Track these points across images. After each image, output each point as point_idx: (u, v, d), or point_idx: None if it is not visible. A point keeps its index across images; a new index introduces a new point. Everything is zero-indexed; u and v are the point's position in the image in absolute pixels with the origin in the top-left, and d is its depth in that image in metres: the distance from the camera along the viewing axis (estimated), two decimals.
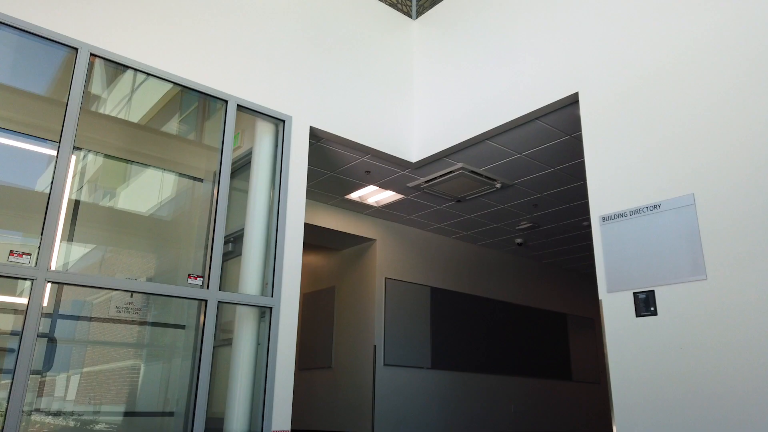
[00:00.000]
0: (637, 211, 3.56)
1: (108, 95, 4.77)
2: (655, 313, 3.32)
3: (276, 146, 4.46)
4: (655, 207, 3.47)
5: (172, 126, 4.95)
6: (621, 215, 3.63)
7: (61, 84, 4.32)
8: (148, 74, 3.84)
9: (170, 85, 4.75)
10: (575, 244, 8.08)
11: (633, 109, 3.69)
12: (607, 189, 3.72)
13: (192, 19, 4.10)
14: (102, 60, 4.65)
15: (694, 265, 3.22)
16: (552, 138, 4.77)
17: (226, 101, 4.13)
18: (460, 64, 5.11)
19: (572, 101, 4.17)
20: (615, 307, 3.51)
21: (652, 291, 3.37)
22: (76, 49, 3.53)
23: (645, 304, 3.40)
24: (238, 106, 4.19)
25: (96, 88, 4.67)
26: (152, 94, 4.76)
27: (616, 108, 3.78)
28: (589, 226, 7.11)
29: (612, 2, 4.01)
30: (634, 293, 3.45)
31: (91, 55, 3.59)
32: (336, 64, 4.93)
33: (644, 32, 3.76)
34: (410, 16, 5.82)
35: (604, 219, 3.71)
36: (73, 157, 4.39)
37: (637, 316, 3.40)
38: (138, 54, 3.78)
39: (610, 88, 3.86)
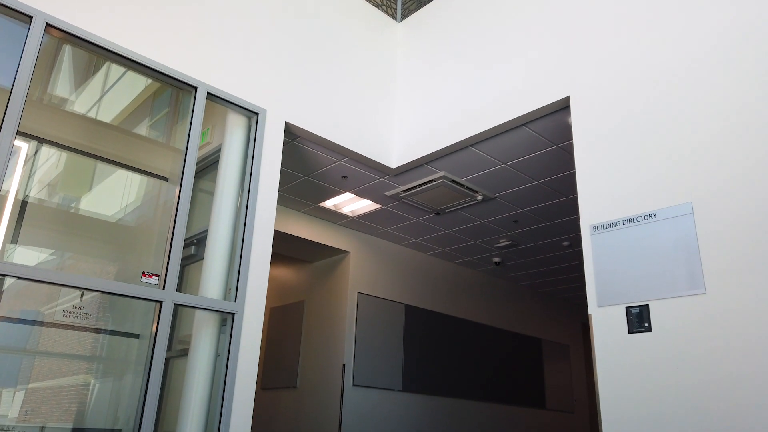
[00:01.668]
0: (630, 221, 3.35)
1: (76, 98, 4.49)
2: (649, 329, 3.09)
3: (248, 143, 4.16)
4: (650, 216, 3.27)
5: (142, 129, 4.66)
6: (613, 224, 3.42)
7: (35, 75, 3.98)
8: (111, 52, 3.51)
9: (142, 87, 4.46)
10: (553, 266, 7.90)
11: (627, 113, 3.51)
12: (598, 197, 3.52)
13: None
14: (70, 57, 4.38)
15: (691, 278, 3.01)
16: (538, 147, 4.59)
17: (196, 88, 3.83)
18: (445, 66, 4.92)
19: (562, 106, 3.99)
20: (606, 322, 3.27)
21: (646, 305, 3.15)
22: (31, 17, 3.20)
23: (638, 320, 3.17)
24: (209, 94, 3.89)
25: (63, 89, 4.37)
26: (123, 97, 4.49)
27: (609, 112, 3.61)
28: (569, 246, 6.94)
29: (605, 3, 3.87)
30: (627, 307, 3.22)
31: (48, 25, 3.26)
32: (316, 60, 4.68)
33: (639, 34, 3.61)
34: (395, 18, 5.64)
35: (594, 228, 3.50)
36: (24, 148, 4.04)
37: (629, 333, 3.16)
38: (102, 30, 3.46)
39: (602, 91, 3.69)
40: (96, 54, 3.70)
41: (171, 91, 4.43)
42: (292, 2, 4.64)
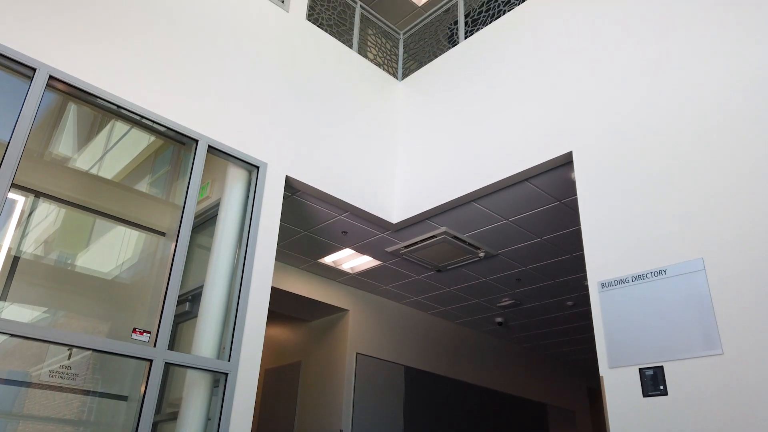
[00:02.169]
0: (640, 277, 3.24)
1: (78, 155, 4.49)
2: (665, 392, 2.93)
3: (247, 197, 4.11)
4: (660, 272, 3.17)
5: (142, 187, 4.64)
6: (622, 281, 3.31)
7: (39, 132, 4.00)
8: (113, 104, 3.51)
9: (143, 145, 4.47)
10: (557, 327, 7.69)
11: (631, 167, 3.47)
12: (605, 252, 3.43)
13: (168, 51, 3.85)
14: (75, 116, 4.41)
15: (707, 338, 2.87)
16: (541, 203, 4.54)
17: (197, 141, 3.81)
18: (446, 122, 4.94)
19: (565, 161, 3.97)
20: (618, 385, 3.10)
21: (661, 367, 2.99)
22: (34, 69, 3.21)
23: (653, 382, 3.00)
24: (210, 147, 3.87)
25: (66, 147, 4.38)
26: (124, 155, 4.50)
27: (614, 166, 3.57)
28: (573, 306, 6.78)
29: (606, 57, 3.91)
30: (640, 369, 3.06)
31: (51, 78, 3.27)
32: (318, 115, 4.70)
33: (641, 87, 3.63)
34: (396, 77, 5.73)
35: (603, 285, 3.38)
36: (21, 202, 3.99)
37: (644, 396, 2.99)
38: (105, 83, 3.48)
39: (606, 145, 3.67)
40: (98, 108, 3.71)
41: (172, 149, 4.43)
42: (296, 58, 4.71)
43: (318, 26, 5.14)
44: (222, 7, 4.29)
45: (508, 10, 4.92)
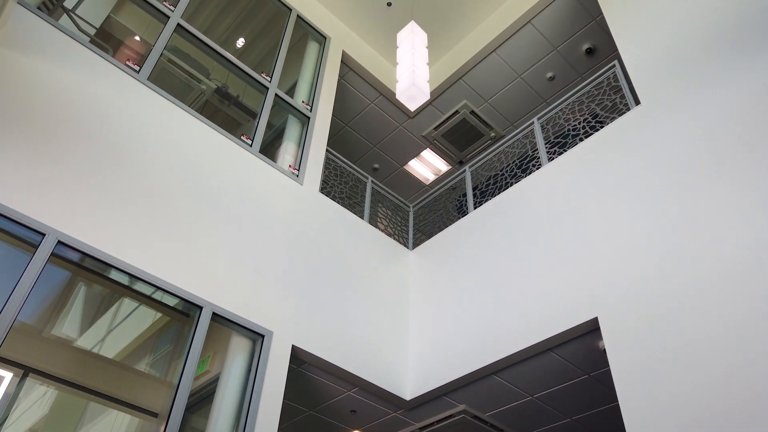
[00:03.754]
0: None
1: (80, 336, 4.40)
2: None
3: (249, 370, 3.80)
4: None
5: (141, 366, 4.43)
6: None
7: (42, 309, 3.92)
8: (118, 269, 3.41)
9: (148, 323, 4.34)
10: None
11: (668, 332, 3.20)
12: (651, 429, 3.01)
13: (173, 218, 3.83)
14: (82, 298, 4.36)
15: None
16: (568, 377, 4.16)
17: (201, 308, 3.63)
18: (460, 291, 4.76)
19: (591, 329, 3.70)
20: None
21: None
22: (43, 235, 3.17)
23: None
24: (214, 314, 3.67)
25: (70, 329, 4.29)
26: (126, 334, 4.38)
27: (647, 332, 3.30)
28: None
29: (621, 219, 3.83)
30: None
31: (59, 242, 3.22)
32: (327, 284, 4.56)
33: (665, 244, 3.48)
34: (407, 246, 5.70)
35: None
36: (8, 378, 3.72)
37: None
38: (110, 248, 3.41)
39: (635, 309, 3.43)
40: (99, 276, 3.62)
41: (176, 327, 4.27)
42: (307, 228, 4.71)
43: (330, 198, 5.26)
44: (236, 177, 4.41)
45: (515, 182, 5.04)
